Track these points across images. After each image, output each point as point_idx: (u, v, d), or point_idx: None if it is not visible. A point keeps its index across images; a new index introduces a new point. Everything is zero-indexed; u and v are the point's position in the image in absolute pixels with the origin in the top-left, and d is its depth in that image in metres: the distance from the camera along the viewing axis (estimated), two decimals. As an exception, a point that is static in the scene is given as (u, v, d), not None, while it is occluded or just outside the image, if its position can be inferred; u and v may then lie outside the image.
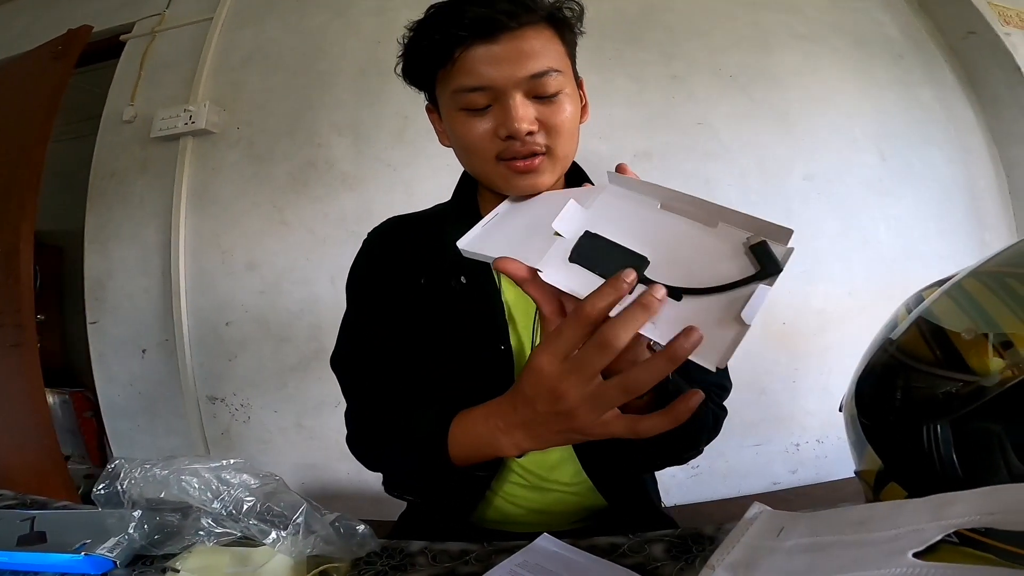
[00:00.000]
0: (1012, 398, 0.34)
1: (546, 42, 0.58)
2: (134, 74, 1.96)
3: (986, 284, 0.41)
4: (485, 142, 0.58)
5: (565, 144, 0.59)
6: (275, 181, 1.67)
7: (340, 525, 0.48)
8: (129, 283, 1.81)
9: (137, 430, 1.86)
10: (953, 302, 0.41)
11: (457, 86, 0.57)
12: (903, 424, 0.39)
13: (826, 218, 1.48)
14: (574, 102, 0.60)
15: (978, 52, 1.71)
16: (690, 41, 1.62)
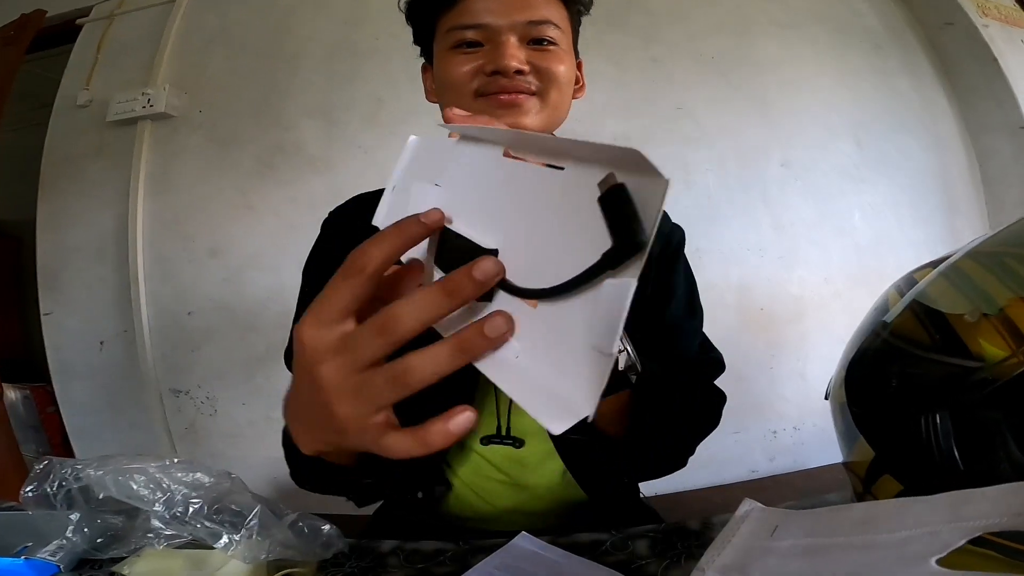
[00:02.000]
0: (1018, 386, 0.32)
1: (550, 1, 0.57)
2: (90, 58, 1.85)
3: (983, 264, 0.39)
4: (468, 77, 0.56)
5: (556, 92, 0.57)
6: (240, 165, 1.60)
7: (303, 525, 0.44)
8: (85, 272, 1.72)
9: (99, 425, 1.77)
10: (949, 283, 0.39)
11: (453, 24, 0.56)
12: (898, 413, 0.37)
13: (802, 205, 1.48)
14: (569, 62, 0.59)
15: (955, 43, 1.73)
16: (671, 25, 1.60)
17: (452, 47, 0.57)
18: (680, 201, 1.45)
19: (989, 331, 0.33)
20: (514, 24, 0.55)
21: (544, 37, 0.56)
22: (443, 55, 0.58)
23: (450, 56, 0.57)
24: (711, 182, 1.47)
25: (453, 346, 0.26)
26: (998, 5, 1.82)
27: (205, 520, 0.39)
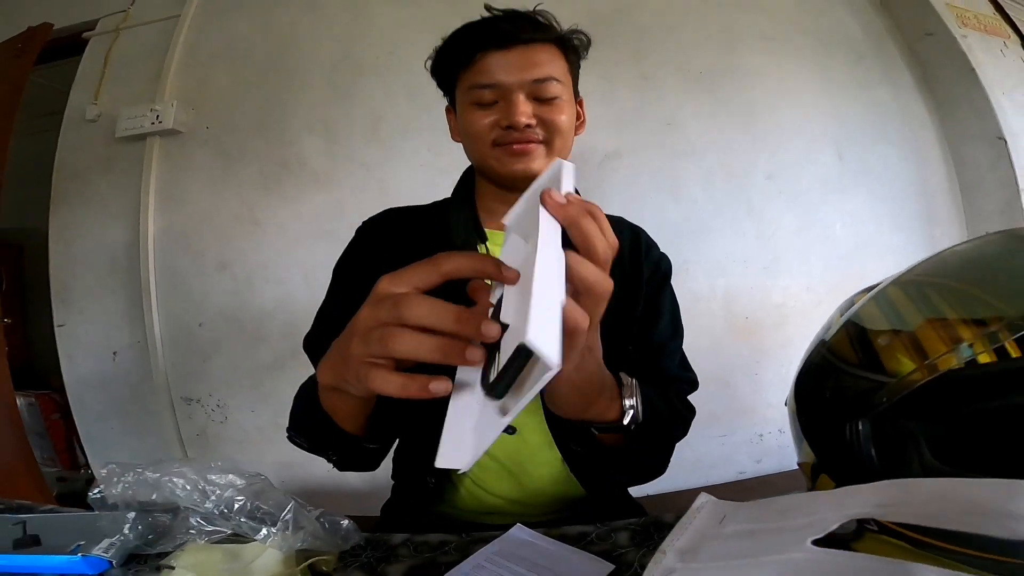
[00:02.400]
0: (923, 397, 0.38)
1: (551, 57, 0.68)
2: (97, 72, 1.91)
3: (906, 291, 0.45)
4: (486, 130, 0.67)
5: (559, 138, 0.68)
6: (246, 180, 1.66)
7: (325, 520, 0.50)
8: (97, 284, 1.78)
9: (110, 432, 1.83)
10: (877, 307, 0.46)
11: (471, 83, 0.67)
12: (831, 420, 0.43)
13: (785, 215, 1.54)
14: (571, 109, 0.69)
15: (935, 53, 1.77)
16: (660, 40, 1.65)
17: (472, 103, 0.67)
18: (669, 214, 1.52)
19: (901, 349, 0.40)
20: (522, 82, 0.65)
21: (548, 95, 0.66)
22: (465, 109, 0.68)
23: (471, 111, 0.67)
24: (699, 195, 1.53)
25: (436, 345, 0.33)
26: (977, 15, 1.86)
27: (247, 516, 0.45)
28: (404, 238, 0.72)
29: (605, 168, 1.52)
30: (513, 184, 0.69)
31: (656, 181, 1.54)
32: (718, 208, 1.53)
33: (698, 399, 0.73)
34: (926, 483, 0.30)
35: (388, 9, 1.73)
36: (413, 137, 1.59)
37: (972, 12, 1.85)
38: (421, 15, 1.71)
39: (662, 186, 1.53)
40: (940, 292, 0.43)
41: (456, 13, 1.69)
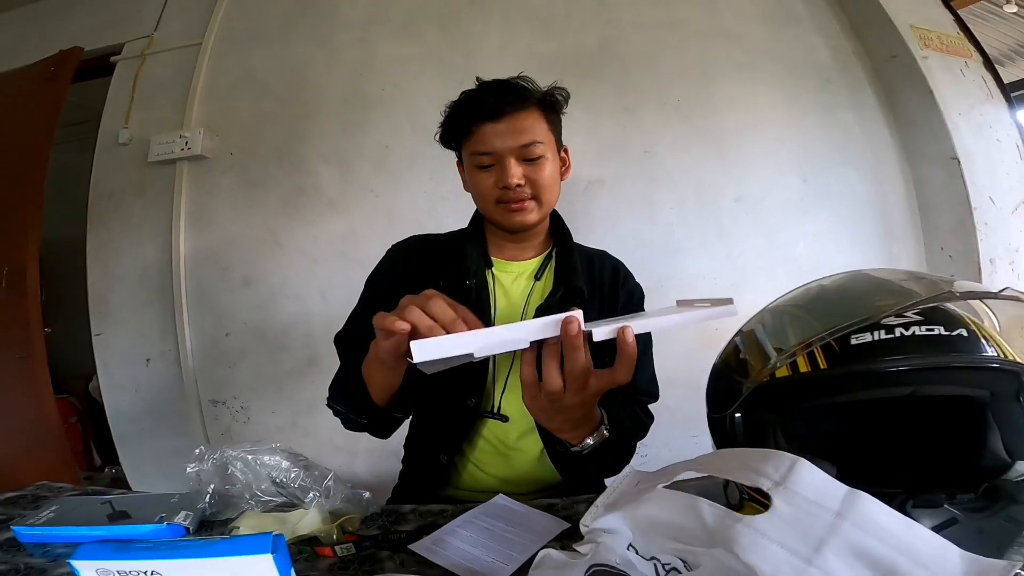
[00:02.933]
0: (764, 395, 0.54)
1: (534, 122, 0.84)
2: (126, 96, 2.08)
3: (773, 314, 0.61)
4: (489, 190, 0.85)
5: (546, 193, 0.86)
6: (268, 206, 1.84)
7: (351, 493, 0.68)
8: (131, 298, 1.97)
9: (142, 433, 2.02)
10: (753, 326, 0.62)
11: (472, 150, 0.85)
12: (720, 415, 0.60)
13: (752, 236, 1.69)
14: (554, 164, 0.87)
15: (897, 75, 1.85)
16: (641, 73, 1.80)
17: (475, 166, 0.85)
18: (645, 235, 1.68)
19: (755, 358, 0.56)
20: (512, 148, 0.82)
21: (533, 157, 0.83)
22: (471, 170, 0.87)
23: (476, 173, 0.86)
24: (673, 218, 1.70)
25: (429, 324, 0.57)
26: (940, 35, 1.93)
27: (297, 485, 0.63)
28: (428, 262, 0.92)
29: (589, 194, 1.69)
30: (512, 231, 0.89)
31: (635, 205, 1.71)
32: (690, 230, 1.69)
33: (675, 402, 0.89)
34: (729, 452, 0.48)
35: (391, 46, 1.90)
36: (417, 167, 1.76)
37: (936, 32, 1.92)
38: (422, 52, 1.87)
39: (640, 210, 1.70)
40: (789, 316, 0.57)
41: (455, 50, 1.89)
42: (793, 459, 0.42)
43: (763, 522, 0.38)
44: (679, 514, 0.43)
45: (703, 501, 0.42)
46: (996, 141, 1.90)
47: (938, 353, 0.49)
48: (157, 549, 0.35)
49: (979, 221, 1.75)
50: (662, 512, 0.43)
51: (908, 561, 0.36)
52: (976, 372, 0.51)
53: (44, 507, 0.71)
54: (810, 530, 0.38)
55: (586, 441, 0.71)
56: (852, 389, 0.53)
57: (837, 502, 0.39)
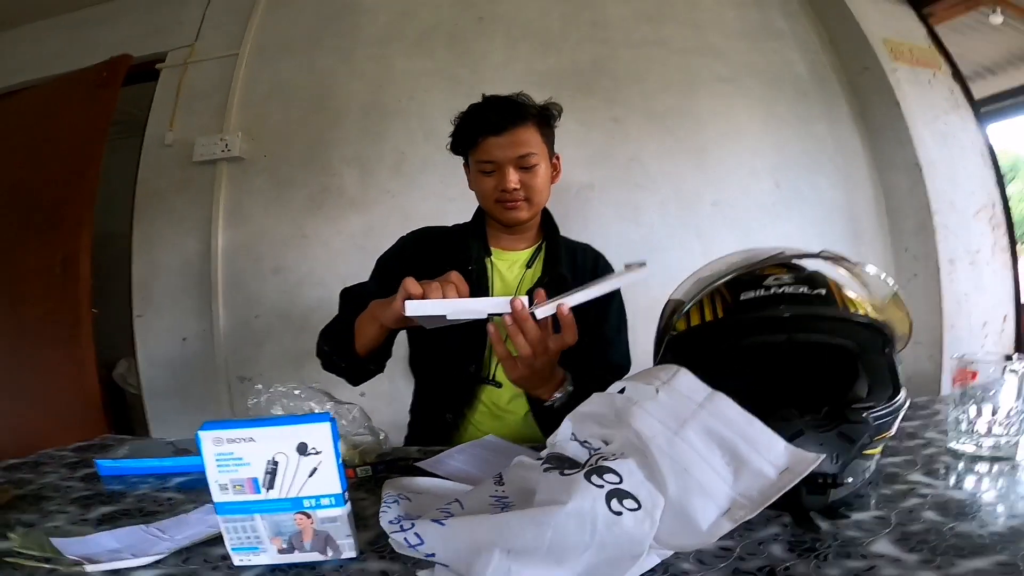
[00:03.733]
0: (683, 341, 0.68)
1: (530, 135, 1.02)
2: (170, 101, 2.29)
3: (687, 282, 0.74)
4: (491, 192, 1.04)
5: (537, 196, 1.04)
6: (296, 203, 2.06)
7: (371, 427, 0.88)
8: (171, 284, 2.17)
9: (173, 407, 2.18)
10: (679, 293, 0.76)
11: (477, 159, 1.03)
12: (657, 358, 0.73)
13: (727, 237, 1.85)
14: (546, 170, 1.05)
15: (869, 87, 1.98)
16: (629, 87, 1.98)
17: (480, 172, 1.04)
18: (630, 236, 1.87)
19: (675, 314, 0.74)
20: (511, 159, 1.00)
21: (528, 165, 1.02)
22: (475, 175, 1.05)
23: (479, 177, 1.04)
24: (655, 220, 1.88)
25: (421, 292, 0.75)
26: (912, 47, 2.05)
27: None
28: (435, 250, 1.09)
29: (580, 198, 1.88)
30: (507, 225, 1.09)
31: (621, 209, 1.90)
32: (671, 231, 1.88)
33: None
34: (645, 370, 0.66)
35: (406, 61, 2.10)
36: (429, 171, 1.97)
37: (907, 45, 2.04)
38: (434, 66, 2.08)
39: (625, 213, 1.89)
40: (695, 281, 0.72)
41: (462, 65, 2.11)
42: (679, 368, 0.60)
43: (649, 405, 0.56)
44: (602, 407, 0.61)
45: (616, 395, 0.61)
46: (960, 149, 2.04)
47: (802, 305, 0.61)
48: (252, 421, 0.53)
49: (939, 224, 1.90)
50: (591, 407, 0.63)
51: (745, 444, 0.53)
52: (833, 323, 0.63)
53: (118, 448, 0.89)
54: (679, 413, 0.55)
55: (555, 395, 0.89)
56: (741, 334, 0.65)
57: (702, 397, 0.57)
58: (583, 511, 0.46)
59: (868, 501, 0.58)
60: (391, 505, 0.56)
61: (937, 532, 0.50)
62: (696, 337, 0.68)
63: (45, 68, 2.55)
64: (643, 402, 0.57)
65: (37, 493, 0.74)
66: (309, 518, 0.51)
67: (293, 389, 0.84)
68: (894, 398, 0.63)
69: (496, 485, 0.61)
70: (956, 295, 1.90)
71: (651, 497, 0.48)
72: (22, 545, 0.54)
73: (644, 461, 0.51)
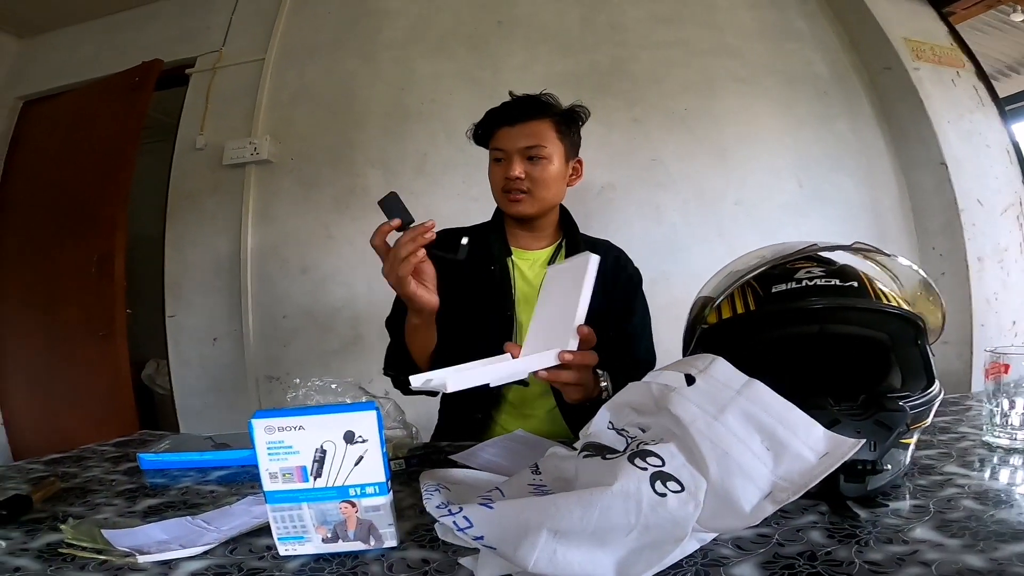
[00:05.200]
0: (715, 333, 0.69)
1: (544, 130, 1.03)
2: (200, 106, 2.36)
3: (716, 276, 0.75)
4: (498, 180, 1.06)
5: (541, 190, 1.03)
6: (322, 204, 2.10)
7: (403, 421, 0.90)
8: (203, 284, 2.23)
9: (204, 406, 2.24)
10: (710, 284, 0.75)
11: (491, 147, 1.07)
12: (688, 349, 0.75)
13: (750, 236, 1.83)
14: (558, 168, 1.04)
15: (892, 86, 1.98)
16: (649, 88, 2.00)
17: (492, 160, 1.07)
18: (652, 234, 1.88)
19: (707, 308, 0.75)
20: (518, 148, 1.02)
21: (536, 156, 1.02)
22: (490, 164, 1.08)
23: (492, 166, 1.07)
24: (677, 220, 1.89)
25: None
26: (934, 46, 2.03)
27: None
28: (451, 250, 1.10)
29: (602, 197, 1.90)
30: (513, 218, 1.10)
31: (642, 208, 1.91)
32: (693, 230, 1.88)
33: None
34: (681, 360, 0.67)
35: (427, 63, 2.14)
36: (452, 172, 2.00)
37: (929, 44, 2.03)
38: (454, 68, 2.11)
39: (647, 212, 1.90)
40: (725, 275, 0.71)
41: (483, 67, 2.14)
42: (714, 357, 0.61)
43: (688, 391, 0.56)
44: (639, 396, 0.63)
45: (652, 383, 0.62)
46: (985, 147, 2.02)
47: (833, 297, 0.62)
48: (301, 410, 0.55)
49: (966, 222, 1.88)
50: (628, 396, 0.64)
51: (784, 429, 0.53)
52: (864, 314, 0.64)
53: (158, 442, 0.92)
54: (718, 399, 0.55)
55: (603, 384, 0.91)
56: (773, 326, 0.66)
57: (739, 384, 0.57)
58: (628, 491, 0.47)
59: (905, 491, 0.59)
60: (432, 493, 0.57)
61: (977, 519, 0.50)
62: (728, 329, 0.69)
63: (79, 72, 2.64)
64: (680, 388, 0.59)
65: (83, 486, 0.77)
66: (354, 507, 0.53)
67: (330, 383, 0.86)
68: (928, 389, 0.63)
69: (533, 474, 0.63)
70: (985, 294, 1.88)
71: (693, 479, 0.49)
72: (74, 536, 0.55)
73: (684, 445, 0.52)
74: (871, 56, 2.03)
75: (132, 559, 0.52)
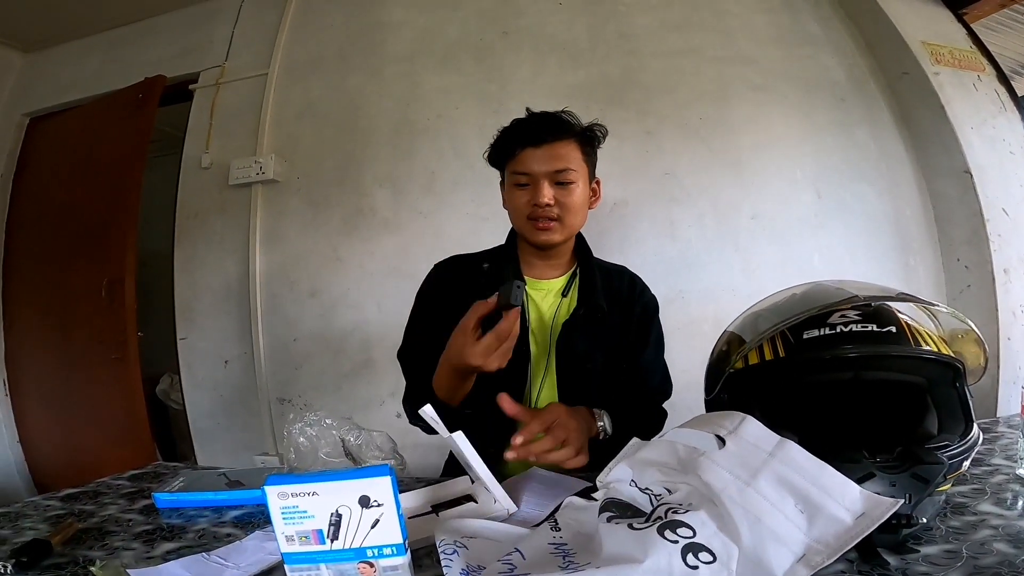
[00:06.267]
0: (742, 378, 0.67)
1: (570, 151, 0.97)
2: (205, 122, 2.34)
3: (748, 317, 0.73)
4: (523, 207, 0.99)
5: (571, 217, 0.99)
6: (330, 225, 2.08)
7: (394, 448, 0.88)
8: (213, 306, 2.23)
9: (217, 428, 2.24)
10: (736, 326, 0.73)
11: (513, 170, 0.99)
12: (710, 396, 0.72)
13: (768, 250, 1.80)
14: (584, 191, 1.00)
15: (910, 91, 1.91)
16: (661, 98, 1.94)
17: (514, 184, 0.99)
18: (666, 251, 1.84)
19: (735, 350, 0.69)
20: (547, 172, 0.96)
21: (565, 180, 0.97)
22: (510, 188, 1.01)
23: (514, 191, 1.00)
24: (692, 235, 1.84)
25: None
26: (953, 50, 1.96)
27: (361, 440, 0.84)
28: (468, 281, 1.04)
29: (614, 214, 1.86)
30: (538, 247, 1.04)
31: (656, 224, 1.86)
32: (709, 246, 1.83)
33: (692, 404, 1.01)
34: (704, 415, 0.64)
35: (435, 77, 2.11)
36: (461, 190, 1.97)
37: (948, 48, 1.96)
38: (462, 82, 2.08)
39: (661, 228, 1.86)
40: (757, 316, 0.69)
41: (490, 81, 2.10)
42: (743, 416, 0.59)
43: (718, 455, 0.55)
44: (664, 455, 0.60)
45: (679, 444, 0.59)
46: (1009, 153, 1.95)
47: (869, 345, 0.60)
48: (315, 476, 0.54)
49: (992, 232, 1.81)
50: (652, 455, 0.61)
51: (819, 491, 0.51)
52: (901, 360, 0.62)
53: (172, 479, 0.91)
54: (750, 463, 0.54)
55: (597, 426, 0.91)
56: (805, 373, 0.64)
57: (771, 445, 0.56)
58: (660, 568, 0.46)
59: (937, 534, 0.56)
60: (452, 557, 0.56)
61: (1010, 564, 0.49)
62: (756, 376, 0.67)
63: (83, 88, 2.65)
64: (710, 452, 0.56)
65: (100, 527, 0.77)
66: (372, 567, 0.54)
67: (324, 418, 0.85)
68: (967, 433, 0.61)
69: (552, 531, 0.62)
70: (1011, 306, 1.82)
71: (725, 548, 0.48)
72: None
73: (715, 512, 0.51)
74: (888, 61, 1.97)
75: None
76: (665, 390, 1.10)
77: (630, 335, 1.06)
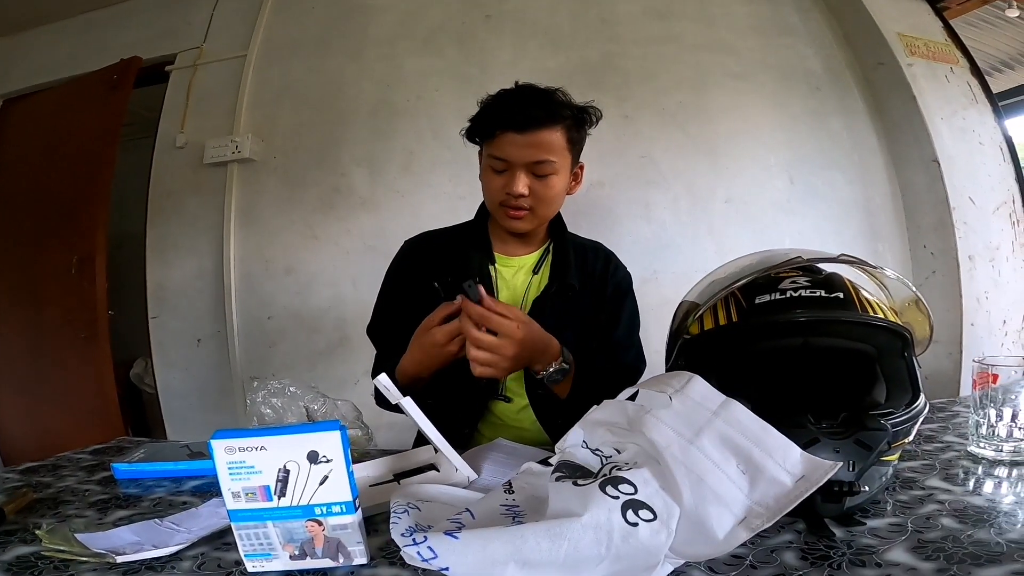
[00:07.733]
0: (697, 345, 0.68)
1: (555, 140, 0.90)
2: (181, 103, 2.30)
3: (700, 284, 0.74)
4: (496, 191, 0.94)
5: (545, 208, 0.96)
6: (306, 204, 2.07)
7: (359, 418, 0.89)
8: (186, 285, 2.20)
9: (189, 408, 2.21)
10: (694, 294, 0.74)
11: (490, 153, 0.93)
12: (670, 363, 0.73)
13: (741, 234, 1.83)
14: (562, 180, 0.95)
15: (885, 82, 1.95)
16: (640, 84, 1.96)
17: (489, 167, 0.95)
18: (642, 233, 1.86)
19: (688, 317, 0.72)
20: (525, 162, 0.90)
21: (544, 172, 0.91)
22: (485, 169, 0.97)
23: (489, 173, 0.95)
24: (667, 217, 1.86)
25: None
26: (928, 42, 2.01)
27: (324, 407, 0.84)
28: (436, 259, 1.01)
29: (591, 195, 1.86)
30: (508, 231, 1.02)
31: (632, 206, 1.88)
32: (683, 228, 1.86)
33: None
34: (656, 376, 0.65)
35: (415, 59, 2.10)
36: (438, 170, 1.97)
37: (923, 40, 2.00)
38: (441, 65, 2.07)
39: (637, 210, 1.88)
40: (709, 283, 0.70)
41: (470, 63, 2.10)
42: (691, 376, 0.60)
43: (663, 414, 0.55)
44: (614, 415, 0.60)
45: (627, 403, 0.60)
46: (979, 144, 2.00)
47: (818, 309, 0.61)
48: (263, 430, 0.54)
49: (958, 220, 1.86)
50: (602, 415, 0.62)
51: (761, 452, 0.52)
52: (850, 326, 0.63)
53: (133, 450, 0.89)
54: (694, 421, 0.54)
55: (549, 367, 0.87)
56: (757, 338, 0.65)
57: (716, 404, 0.56)
58: (599, 523, 0.46)
59: (884, 507, 0.57)
60: (401, 516, 0.56)
61: (954, 540, 0.49)
62: (710, 341, 0.68)
63: (57, 71, 2.59)
64: (656, 410, 0.57)
65: (55, 497, 0.76)
66: (320, 525, 0.52)
67: (288, 386, 0.85)
68: (913, 403, 0.61)
69: (506, 493, 0.61)
70: (975, 292, 1.87)
71: (666, 507, 0.48)
72: (49, 542, 0.55)
73: (659, 470, 0.51)
74: (865, 52, 2.00)
75: (112, 559, 0.53)
76: (638, 367, 1.08)
77: (602, 313, 1.05)
